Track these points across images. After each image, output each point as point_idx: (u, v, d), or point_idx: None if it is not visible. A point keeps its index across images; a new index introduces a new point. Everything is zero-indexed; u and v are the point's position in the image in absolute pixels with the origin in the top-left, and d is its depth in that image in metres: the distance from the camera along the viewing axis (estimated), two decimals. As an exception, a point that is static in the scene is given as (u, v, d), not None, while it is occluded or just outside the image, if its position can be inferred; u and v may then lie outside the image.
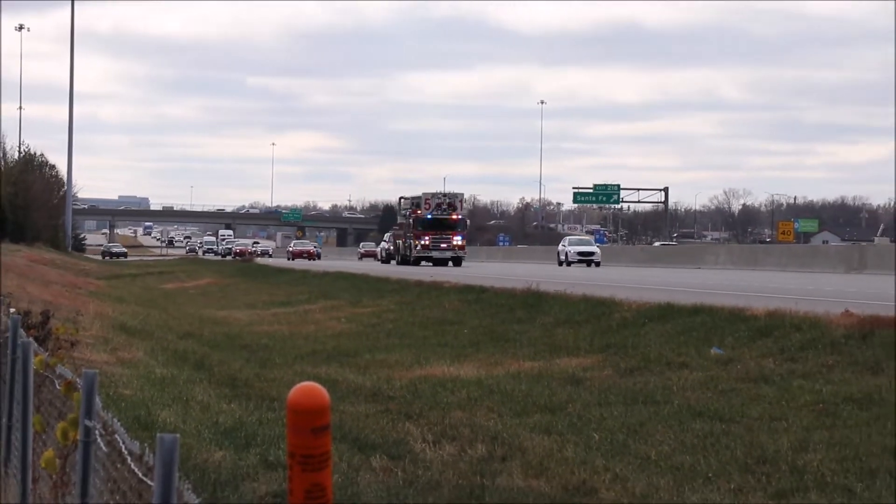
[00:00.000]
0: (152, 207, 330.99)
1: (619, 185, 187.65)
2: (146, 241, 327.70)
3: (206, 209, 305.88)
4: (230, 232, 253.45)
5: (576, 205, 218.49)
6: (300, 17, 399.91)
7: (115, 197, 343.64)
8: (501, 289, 48.20)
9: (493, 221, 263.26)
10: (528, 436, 19.08)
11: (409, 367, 28.66)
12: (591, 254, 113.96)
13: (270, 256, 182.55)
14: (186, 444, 18.13)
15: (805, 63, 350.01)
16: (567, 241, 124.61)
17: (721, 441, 17.96)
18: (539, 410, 21.50)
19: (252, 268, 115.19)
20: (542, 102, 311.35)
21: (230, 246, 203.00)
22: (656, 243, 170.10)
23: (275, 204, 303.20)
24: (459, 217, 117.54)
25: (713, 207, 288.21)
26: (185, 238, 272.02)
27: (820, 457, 16.56)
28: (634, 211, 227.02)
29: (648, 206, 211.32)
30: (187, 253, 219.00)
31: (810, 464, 16.21)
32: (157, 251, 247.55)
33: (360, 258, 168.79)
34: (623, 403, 21.79)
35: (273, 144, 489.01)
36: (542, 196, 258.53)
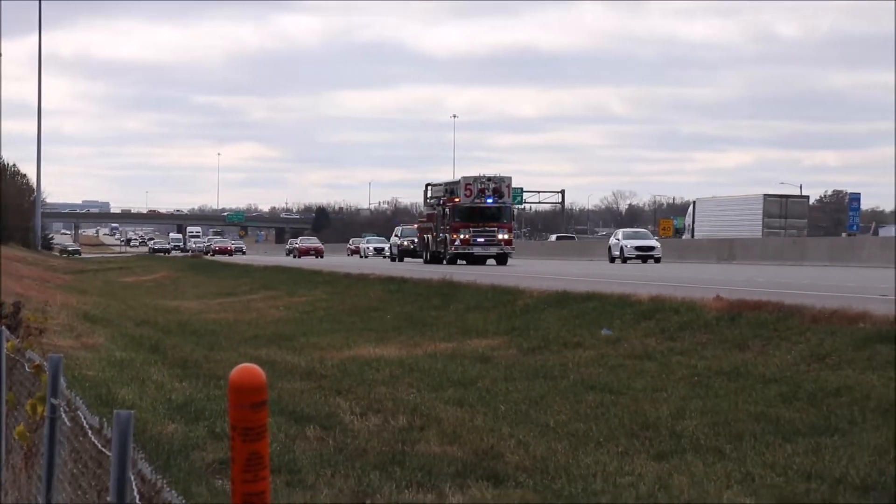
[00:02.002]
0: (112, 210, 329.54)
1: (521, 189, 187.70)
2: (108, 240, 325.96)
3: (169, 210, 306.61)
4: (198, 229, 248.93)
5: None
6: (240, 42, 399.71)
7: (79, 201, 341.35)
8: (419, 279, 48.16)
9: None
10: (443, 408, 19.07)
11: (339, 349, 28.61)
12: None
13: (244, 253, 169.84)
14: (143, 418, 18.08)
15: (680, 82, 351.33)
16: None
17: (610, 410, 17.99)
18: (453, 385, 21.48)
19: (201, 263, 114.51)
20: (454, 116, 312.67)
21: (209, 244, 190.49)
22: (552, 237, 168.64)
23: (220, 206, 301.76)
24: (507, 205, 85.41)
25: (603, 207, 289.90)
26: (149, 239, 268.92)
27: (695, 423, 16.63)
28: (535, 211, 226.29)
29: (548, 207, 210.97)
30: (154, 252, 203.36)
31: (686, 429, 16.28)
32: (117, 249, 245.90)
33: (299, 256, 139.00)
34: (526, 378, 21.80)
35: (219, 154, 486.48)
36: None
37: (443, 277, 46.52)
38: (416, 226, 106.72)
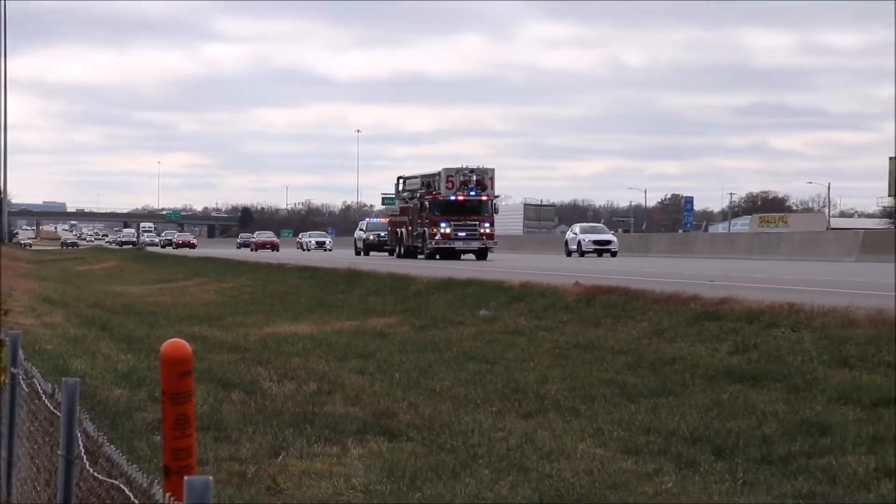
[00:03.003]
0: (68, 210, 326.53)
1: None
2: (65, 234, 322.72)
3: (109, 210, 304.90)
4: (151, 224, 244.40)
5: (384, 206, 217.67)
6: (173, 67, 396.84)
7: (40, 202, 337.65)
8: (329, 268, 48.12)
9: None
10: (347, 376, 19.05)
11: (260, 327, 28.51)
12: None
13: (194, 247, 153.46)
14: (93, 385, 17.96)
15: (545, 102, 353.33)
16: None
17: (486, 377, 18.02)
18: (355, 357, 21.46)
19: (144, 254, 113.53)
20: (358, 131, 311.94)
21: (170, 237, 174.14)
22: None
23: (160, 206, 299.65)
24: (490, 198, 70.64)
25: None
26: (103, 235, 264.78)
27: (556, 387, 16.69)
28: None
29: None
30: (121, 244, 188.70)
31: (549, 392, 16.34)
32: (79, 242, 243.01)
33: (256, 249, 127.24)
34: (417, 351, 21.81)
35: (159, 162, 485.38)
36: (359, 200, 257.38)
37: (348, 267, 46.48)
38: (386, 219, 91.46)
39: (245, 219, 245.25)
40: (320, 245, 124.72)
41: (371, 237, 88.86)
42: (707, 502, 10.49)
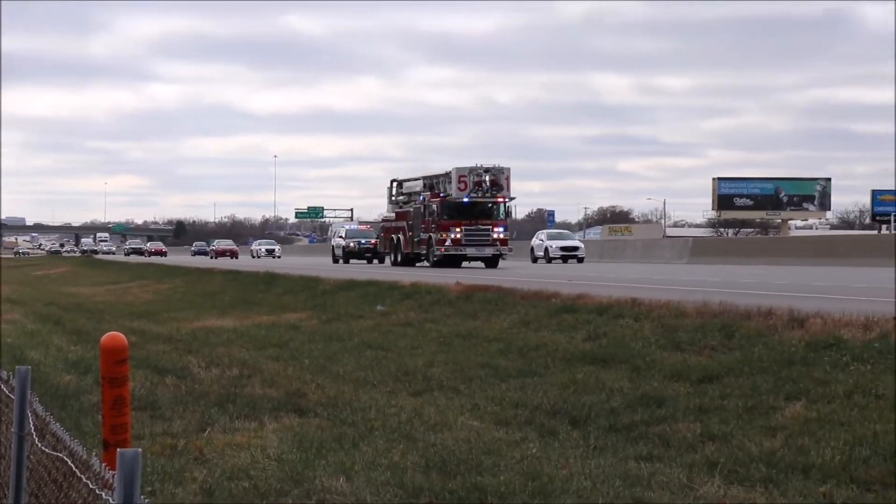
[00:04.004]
0: (27, 223, 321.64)
1: (322, 207, 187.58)
2: (25, 245, 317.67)
3: (64, 224, 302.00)
4: (106, 235, 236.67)
5: (297, 219, 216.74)
6: (120, 103, 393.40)
7: (3, 217, 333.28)
8: (250, 272, 47.91)
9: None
10: (265, 362, 18.94)
11: (191, 322, 28.33)
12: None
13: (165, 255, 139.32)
14: (47, 372, 17.75)
15: (431, 133, 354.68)
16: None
17: (382, 362, 17.99)
18: (272, 346, 21.37)
19: (94, 260, 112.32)
20: (275, 157, 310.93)
21: (136, 246, 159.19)
22: None
23: (107, 220, 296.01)
24: (506, 200, 55.19)
25: (380, 220, 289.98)
26: (62, 242, 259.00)
27: (440, 370, 16.69)
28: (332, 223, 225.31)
29: (342, 220, 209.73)
30: (84, 252, 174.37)
31: (434, 374, 16.33)
32: (31, 251, 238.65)
33: (216, 257, 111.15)
34: (323, 341, 21.73)
35: (105, 183, 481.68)
36: (276, 214, 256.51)
37: (266, 270, 46.27)
38: (366, 226, 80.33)
39: (178, 231, 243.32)
40: (270, 252, 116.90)
41: (352, 244, 72.33)
42: (565, 464, 10.52)
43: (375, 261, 67.86)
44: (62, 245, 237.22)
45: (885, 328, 14.27)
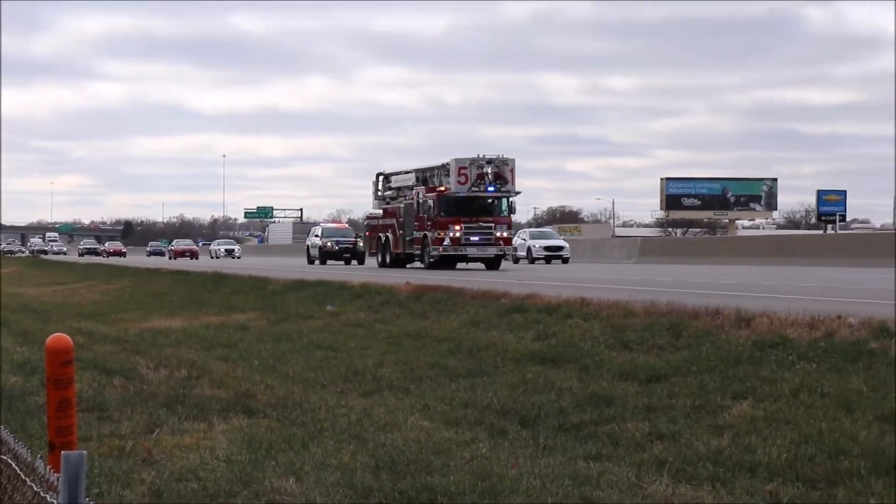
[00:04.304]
0: None
1: (272, 207, 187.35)
2: None
3: (10, 224, 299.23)
4: (56, 235, 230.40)
5: (246, 219, 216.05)
6: (63, 102, 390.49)
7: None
8: (199, 272, 47.76)
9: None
10: (214, 363, 18.88)
11: (139, 322, 28.19)
12: None
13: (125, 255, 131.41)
14: (-6, 374, 17.63)
15: (380, 133, 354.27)
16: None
17: (332, 363, 17.97)
18: (220, 347, 21.28)
19: (41, 261, 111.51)
20: (223, 156, 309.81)
21: (91, 247, 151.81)
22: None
23: (53, 220, 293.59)
24: (510, 194, 49.12)
25: (330, 220, 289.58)
26: (9, 241, 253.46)
27: (390, 370, 16.67)
28: (281, 223, 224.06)
29: (290, 220, 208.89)
30: (33, 254, 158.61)
31: (384, 374, 16.31)
32: None
33: (175, 257, 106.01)
34: (273, 341, 21.68)
35: (52, 183, 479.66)
36: (224, 214, 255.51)
37: (215, 271, 46.13)
38: (342, 224, 75.07)
39: (126, 231, 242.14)
40: (229, 252, 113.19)
41: (329, 244, 65.82)
42: (514, 464, 10.53)
43: (354, 262, 62.90)
44: (10, 243, 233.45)
45: (831, 327, 14.38)
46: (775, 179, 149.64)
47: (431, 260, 47.98)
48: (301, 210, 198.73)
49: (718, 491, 9.31)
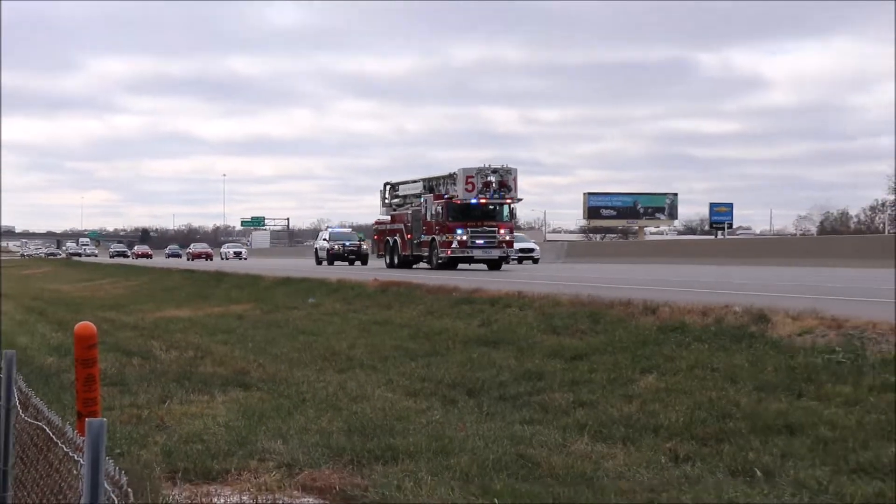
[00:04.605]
0: (17, 231, 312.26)
1: (264, 217, 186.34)
2: (15, 249, 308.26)
3: (47, 231, 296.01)
4: (88, 240, 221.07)
5: (242, 227, 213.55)
6: (91, 130, 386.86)
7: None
8: (203, 271, 47.49)
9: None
10: (216, 346, 18.80)
11: (154, 312, 28.03)
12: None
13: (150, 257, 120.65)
14: (33, 355, 17.48)
15: (354, 156, 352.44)
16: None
17: (313, 345, 17.92)
18: (221, 332, 21.21)
19: (72, 262, 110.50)
20: (223, 175, 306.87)
21: (120, 250, 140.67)
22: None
23: (83, 228, 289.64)
24: (514, 201, 45.85)
25: (313, 229, 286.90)
26: (47, 245, 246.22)
27: (361, 351, 16.65)
28: (271, 230, 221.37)
29: (269, 229, 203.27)
30: (68, 256, 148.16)
31: (356, 355, 16.29)
32: (17, 254, 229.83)
33: (192, 259, 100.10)
34: (265, 328, 21.62)
35: (82, 197, 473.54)
36: (224, 223, 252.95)
37: (217, 270, 45.90)
38: (349, 229, 68.83)
39: (144, 237, 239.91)
40: (237, 255, 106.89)
41: (336, 247, 60.46)
42: (462, 427, 10.55)
43: (358, 262, 57.81)
44: (48, 247, 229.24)
45: (720, 314, 14.46)
46: (676, 194, 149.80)
47: (440, 261, 43.62)
48: (288, 219, 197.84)
49: (628, 448, 9.36)
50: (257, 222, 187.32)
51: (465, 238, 43.11)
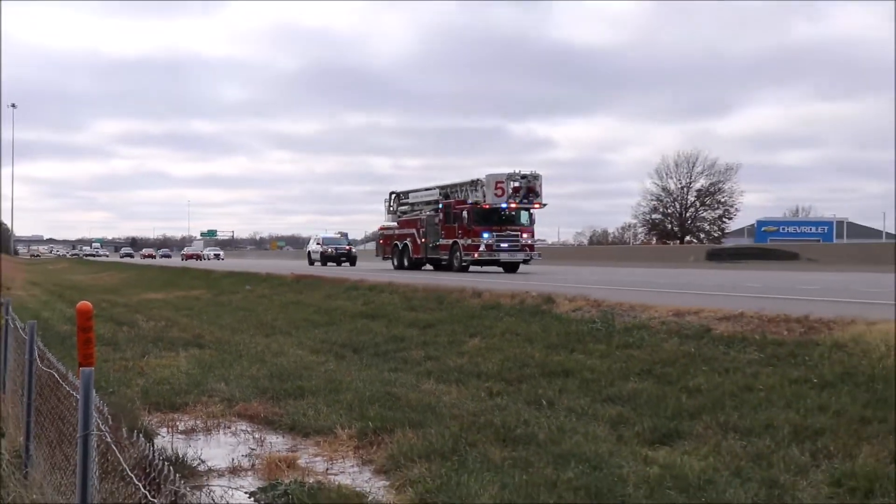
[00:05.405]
0: (44, 238, 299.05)
1: (216, 230, 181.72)
2: (44, 251, 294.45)
3: (64, 239, 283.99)
4: (99, 244, 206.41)
5: (201, 237, 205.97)
6: (95, 170, 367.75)
7: (30, 234, 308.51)
8: (172, 267, 46.23)
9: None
10: (181, 318, 18.38)
11: (138, 295, 27.25)
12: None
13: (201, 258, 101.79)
14: (54, 324, 16.79)
15: (278, 189, 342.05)
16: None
17: (248, 319, 17.62)
18: (184, 309, 20.73)
19: (84, 261, 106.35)
20: (188, 202, 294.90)
21: (130, 251, 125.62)
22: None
23: (91, 237, 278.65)
24: (540, 206, 29.84)
25: (248, 238, 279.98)
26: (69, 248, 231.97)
27: (281, 322, 16.39)
28: (221, 239, 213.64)
29: (227, 237, 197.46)
30: (83, 257, 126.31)
31: (278, 325, 16.00)
32: (47, 255, 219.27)
33: (186, 259, 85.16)
34: (214, 306, 21.19)
35: (89, 215, 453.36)
36: (189, 234, 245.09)
37: (182, 266, 44.71)
38: (337, 234, 55.89)
39: (133, 244, 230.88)
40: (216, 256, 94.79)
41: (329, 250, 49.03)
42: (349, 373, 10.54)
43: (346, 263, 47.01)
44: (74, 248, 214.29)
45: (523, 297, 14.61)
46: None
47: (464, 264, 31.85)
48: (233, 232, 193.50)
49: (460, 387, 9.45)
50: (212, 234, 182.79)
51: (491, 242, 31.60)
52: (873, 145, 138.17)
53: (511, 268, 31.11)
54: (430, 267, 33.90)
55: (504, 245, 31.22)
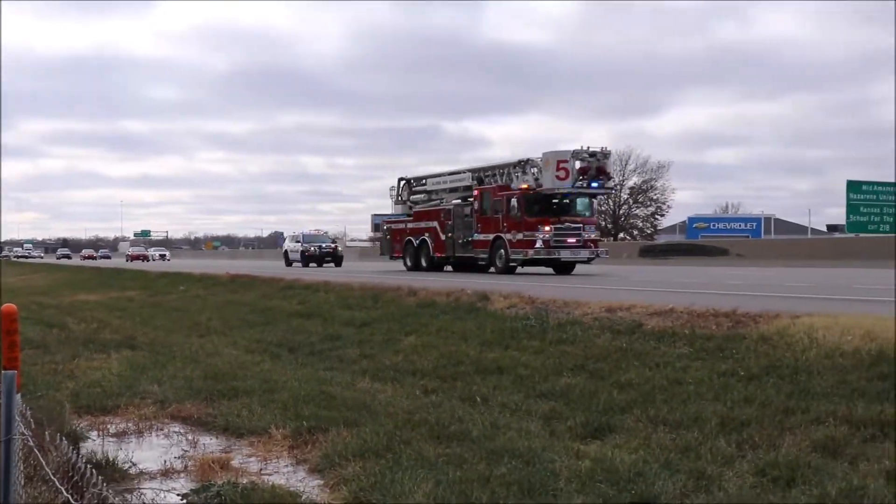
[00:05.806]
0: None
1: (150, 230, 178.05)
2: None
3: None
4: (30, 245, 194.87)
5: (134, 237, 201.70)
6: (25, 170, 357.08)
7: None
8: (107, 268, 45.23)
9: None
10: (114, 320, 17.97)
11: (70, 296, 26.58)
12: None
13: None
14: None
15: (212, 188, 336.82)
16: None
17: (182, 319, 17.33)
18: (118, 310, 20.31)
19: (15, 262, 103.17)
20: (121, 202, 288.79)
21: (67, 253, 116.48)
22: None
23: (20, 238, 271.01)
24: (612, 191, 29.73)
25: (183, 238, 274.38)
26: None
27: (216, 322, 16.10)
28: (132, 239, 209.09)
29: (161, 238, 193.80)
30: (14, 257, 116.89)
31: (212, 325, 15.77)
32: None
33: (131, 260, 79.75)
34: (148, 307, 20.79)
35: (20, 216, 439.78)
36: (122, 234, 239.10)
37: (115, 268, 43.78)
38: (319, 231, 47.68)
39: (65, 244, 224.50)
40: (162, 256, 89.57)
41: (312, 249, 42.55)
42: (284, 373, 10.43)
43: (332, 264, 41.48)
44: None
45: (458, 295, 14.67)
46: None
47: (512, 264, 24.45)
48: (167, 232, 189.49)
49: (395, 385, 9.44)
50: (146, 234, 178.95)
51: (549, 236, 23.61)
52: (798, 144, 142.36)
53: (566, 268, 24.31)
54: (450, 268, 27.35)
55: (569, 241, 23.72)
